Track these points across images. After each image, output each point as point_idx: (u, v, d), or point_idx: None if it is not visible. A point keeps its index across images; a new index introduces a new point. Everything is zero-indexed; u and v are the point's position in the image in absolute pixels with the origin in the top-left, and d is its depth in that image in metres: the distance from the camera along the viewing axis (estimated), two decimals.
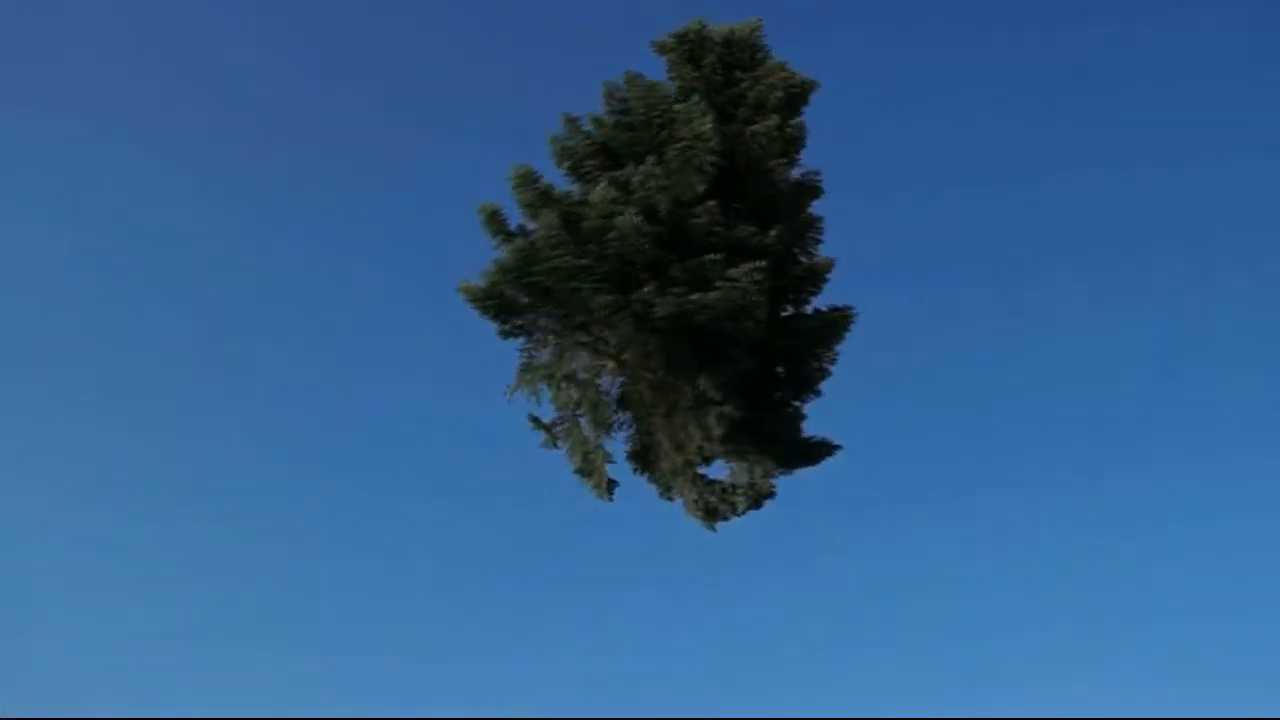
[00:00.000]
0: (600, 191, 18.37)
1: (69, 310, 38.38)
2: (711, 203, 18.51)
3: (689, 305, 17.70)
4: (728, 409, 18.18)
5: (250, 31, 41.22)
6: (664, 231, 18.16)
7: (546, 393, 21.38)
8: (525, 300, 19.05)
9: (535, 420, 21.65)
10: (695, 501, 20.20)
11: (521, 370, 20.99)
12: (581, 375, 21.31)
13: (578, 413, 21.23)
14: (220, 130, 41.01)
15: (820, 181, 19.91)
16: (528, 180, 19.51)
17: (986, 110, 38.46)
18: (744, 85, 20.20)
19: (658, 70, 20.68)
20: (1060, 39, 38.21)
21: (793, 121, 20.00)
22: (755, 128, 19.36)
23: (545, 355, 20.96)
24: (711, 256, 18.00)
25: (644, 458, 21.32)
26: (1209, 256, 35.41)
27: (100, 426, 36.09)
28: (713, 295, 17.72)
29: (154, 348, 38.85)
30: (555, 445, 21.78)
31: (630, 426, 21.28)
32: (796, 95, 20.19)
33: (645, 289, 17.95)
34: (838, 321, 19.07)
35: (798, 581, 32.57)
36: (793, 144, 20.03)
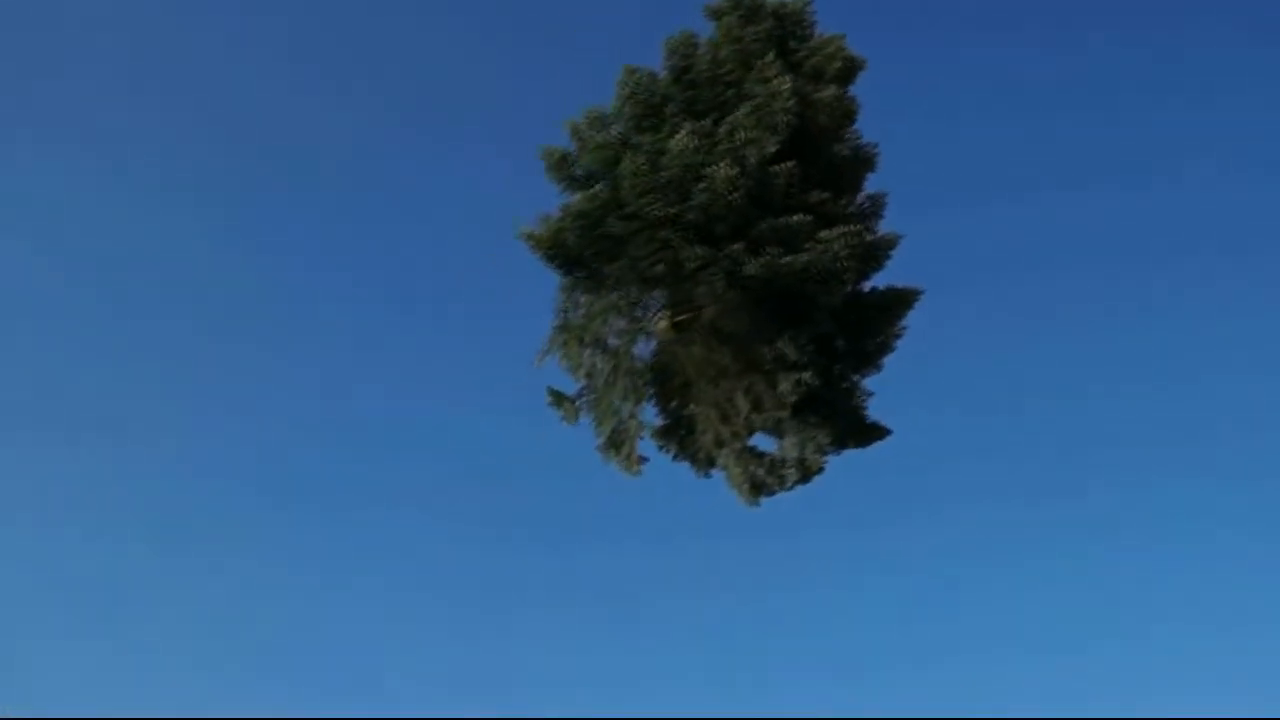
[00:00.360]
0: (683, 140, 17.53)
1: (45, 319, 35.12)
2: (790, 163, 17.96)
3: (782, 266, 17.08)
4: (808, 375, 17.54)
5: (210, 31, 38.34)
6: (753, 186, 17.47)
7: (569, 362, 20.38)
8: (593, 251, 18.01)
9: (555, 394, 20.56)
10: (741, 475, 19.46)
11: (556, 331, 19.85)
12: (613, 341, 20.36)
13: (609, 380, 20.27)
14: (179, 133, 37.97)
15: (877, 154, 19.64)
16: (598, 124, 18.53)
17: (1018, 114, 37.81)
18: (801, 54, 19.79)
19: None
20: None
21: (848, 94, 19.74)
22: (822, 94, 18.93)
23: (579, 317, 19.94)
24: (800, 217, 17.46)
25: (674, 432, 20.54)
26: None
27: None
28: (804, 257, 17.19)
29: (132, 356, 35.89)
30: (577, 419, 20.73)
31: (665, 398, 20.49)
32: (850, 69, 19.92)
33: (736, 245, 17.19)
34: (904, 298, 18.75)
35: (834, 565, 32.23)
36: (848, 116, 19.74)
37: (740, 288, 17.08)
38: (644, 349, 20.38)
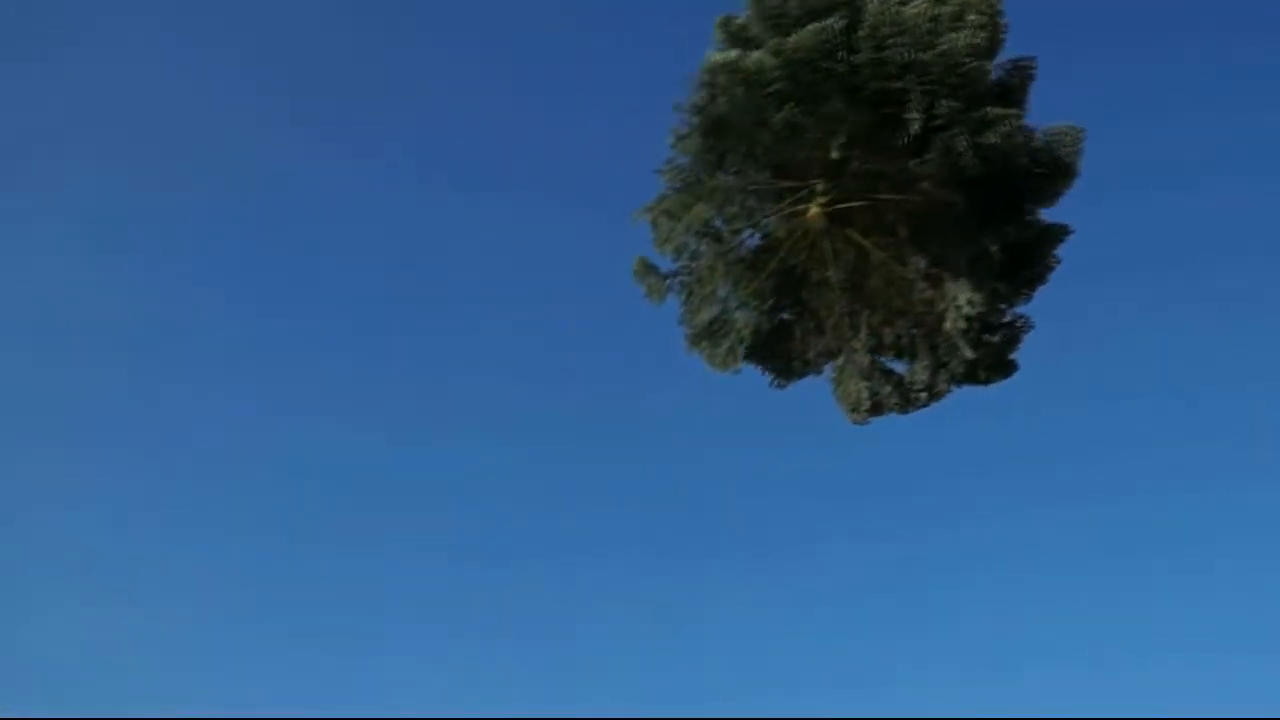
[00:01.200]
0: (922, 6, 15.95)
1: None
2: (987, 63, 16.85)
3: (1017, 143, 15.79)
4: (1003, 285, 16.19)
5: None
6: (978, 66, 16.11)
7: (664, 234, 18.08)
8: (802, 91, 15.85)
9: (645, 264, 18.13)
10: (863, 390, 17.60)
11: (674, 193, 17.48)
12: (718, 224, 18.18)
13: (712, 265, 18.06)
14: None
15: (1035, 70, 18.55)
16: None
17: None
18: None
19: None
20: None
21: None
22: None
23: (693, 191, 17.71)
24: (1017, 110, 16.34)
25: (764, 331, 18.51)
26: None
27: None
28: (1036, 141, 16.05)
29: None
30: (663, 299, 18.31)
31: (765, 296, 18.42)
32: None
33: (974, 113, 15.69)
34: (1056, 232, 17.74)
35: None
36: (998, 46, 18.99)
37: (983, 157, 15.44)
38: (751, 240, 18.44)
